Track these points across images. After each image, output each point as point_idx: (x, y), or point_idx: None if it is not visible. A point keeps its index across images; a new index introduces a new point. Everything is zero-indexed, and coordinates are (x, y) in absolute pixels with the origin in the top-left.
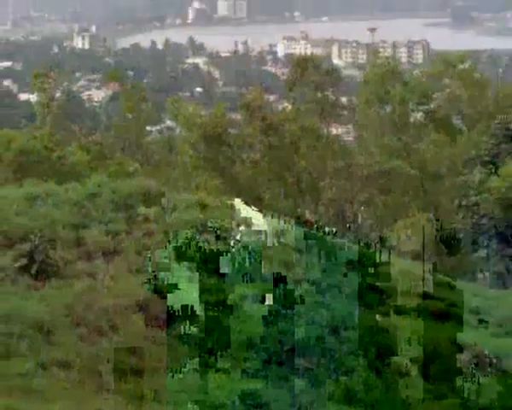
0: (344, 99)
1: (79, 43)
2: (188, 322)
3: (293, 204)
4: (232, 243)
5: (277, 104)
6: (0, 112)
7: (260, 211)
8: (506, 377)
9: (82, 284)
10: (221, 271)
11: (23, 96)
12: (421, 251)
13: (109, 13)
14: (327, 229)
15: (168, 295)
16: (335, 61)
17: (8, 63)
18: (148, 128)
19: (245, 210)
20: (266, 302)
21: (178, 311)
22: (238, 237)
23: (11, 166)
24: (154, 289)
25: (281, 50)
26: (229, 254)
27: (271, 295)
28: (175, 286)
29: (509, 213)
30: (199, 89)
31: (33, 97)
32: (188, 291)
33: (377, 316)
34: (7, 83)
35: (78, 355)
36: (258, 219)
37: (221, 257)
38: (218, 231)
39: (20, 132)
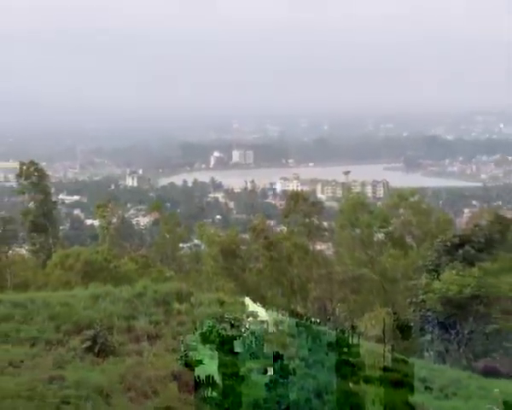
0: (325, 223)
1: (130, 182)
2: (210, 388)
3: (287, 301)
4: (243, 330)
5: (276, 227)
6: (71, 233)
7: (264, 306)
8: None
9: (132, 360)
10: (235, 350)
11: (88, 222)
12: (383, 336)
13: (152, 160)
14: (313, 319)
15: (195, 368)
16: (319, 195)
17: (77, 197)
18: (180, 245)
19: (252, 306)
20: (268, 373)
21: (203, 380)
22: (247, 326)
23: (80, 273)
24: (185, 364)
25: (278, 187)
26: (240, 339)
27: (272, 368)
28: (200, 362)
29: (447, 308)
30: (218, 216)
31: (96, 222)
32: (210, 365)
33: (350, 384)
34: (76, 212)
35: None
36: (262, 313)
37: (235, 341)
38: (233, 321)
39: (86, 248)
